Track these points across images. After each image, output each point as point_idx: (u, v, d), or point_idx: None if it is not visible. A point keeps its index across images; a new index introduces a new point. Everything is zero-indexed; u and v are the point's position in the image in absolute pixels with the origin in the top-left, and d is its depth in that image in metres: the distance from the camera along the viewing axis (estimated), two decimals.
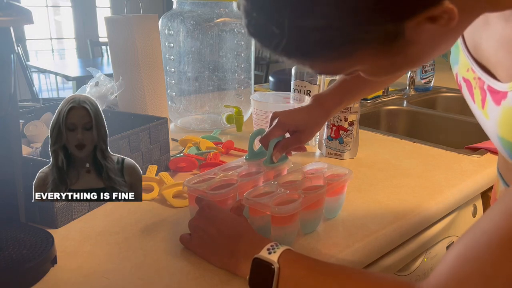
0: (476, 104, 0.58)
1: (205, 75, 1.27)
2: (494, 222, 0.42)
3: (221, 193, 0.68)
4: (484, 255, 0.40)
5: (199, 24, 1.20)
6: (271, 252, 0.54)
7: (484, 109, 0.55)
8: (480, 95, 0.56)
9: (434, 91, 1.84)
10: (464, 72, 0.59)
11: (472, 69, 0.57)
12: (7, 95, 0.57)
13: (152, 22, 0.97)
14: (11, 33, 0.55)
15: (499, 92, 0.52)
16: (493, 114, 0.53)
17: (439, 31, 0.44)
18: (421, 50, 0.47)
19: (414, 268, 0.83)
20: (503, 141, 0.53)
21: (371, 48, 0.44)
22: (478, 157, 1.04)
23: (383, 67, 0.49)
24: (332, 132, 1.03)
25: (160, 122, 0.91)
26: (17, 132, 0.63)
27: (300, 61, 0.47)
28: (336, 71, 0.50)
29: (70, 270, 0.60)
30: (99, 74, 1.02)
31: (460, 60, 0.60)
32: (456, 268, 0.42)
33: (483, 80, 0.55)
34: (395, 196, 0.83)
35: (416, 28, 0.42)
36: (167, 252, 0.64)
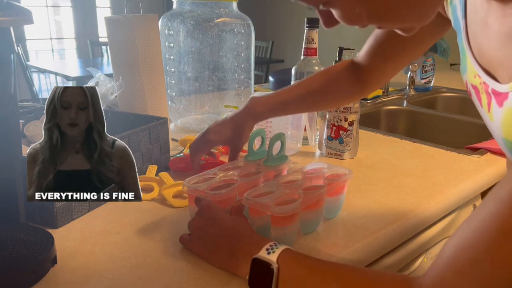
0: (483, 108, 0.58)
1: (205, 75, 1.27)
2: (486, 211, 0.42)
3: (221, 193, 0.68)
4: (478, 243, 0.41)
5: (199, 24, 1.20)
6: (270, 252, 0.54)
7: (490, 112, 0.56)
8: (486, 99, 0.56)
9: (434, 91, 1.84)
10: (472, 78, 0.60)
11: (478, 75, 0.57)
12: (7, 95, 0.57)
13: (152, 22, 0.97)
14: (11, 33, 0.55)
15: (501, 94, 0.52)
16: (496, 116, 0.54)
17: None
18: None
19: (414, 268, 0.83)
20: (506, 142, 0.53)
21: None
22: (478, 157, 1.04)
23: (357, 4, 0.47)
24: (332, 132, 1.03)
25: (160, 122, 0.91)
26: (17, 132, 0.63)
27: None
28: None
29: (70, 270, 0.60)
30: (99, 74, 1.02)
31: (468, 67, 0.60)
32: (451, 258, 0.43)
33: (488, 84, 0.55)
34: (395, 196, 0.84)
35: None
36: (167, 252, 0.64)
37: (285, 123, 1.04)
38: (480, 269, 0.40)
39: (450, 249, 0.44)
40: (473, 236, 0.42)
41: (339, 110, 1.01)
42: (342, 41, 1.89)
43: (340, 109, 1.01)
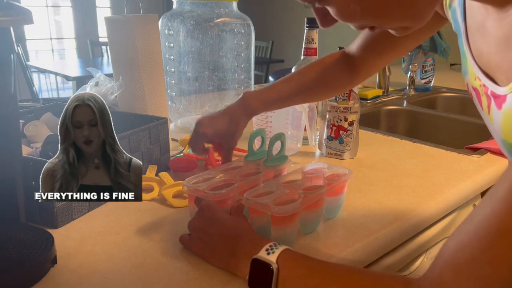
0: (484, 110, 0.58)
1: (205, 75, 1.27)
2: (483, 211, 0.43)
3: (221, 193, 0.68)
4: (475, 243, 0.41)
5: (199, 24, 1.20)
6: (269, 252, 0.54)
7: (490, 114, 0.56)
8: (486, 101, 0.56)
9: (434, 91, 1.84)
10: (472, 81, 0.60)
11: (478, 77, 0.58)
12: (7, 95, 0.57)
13: (152, 22, 0.97)
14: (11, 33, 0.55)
15: (500, 96, 0.52)
16: (496, 118, 0.54)
17: None
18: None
19: (414, 268, 0.83)
20: (505, 143, 0.54)
21: None
22: (478, 157, 1.04)
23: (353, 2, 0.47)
24: (332, 132, 1.03)
25: (160, 122, 0.91)
26: (17, 132, 0.63)
27: None
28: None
29: (70, 270, 0.60)
30: (99, 74, 1.02)
31: (469, 69, 0.60)
32: (450, 258, 0.43)
33: (487, 87, 0.55)
34: (395, 196, 0.84)
35: None
36: (167, 252, 0.64)
37: (285, 123, 1.04)
38: (478, 268, 0.41)
39: (449, 250, 0.44)
40: (471, 236, 0.42)
41: (339, 110, 1.01)
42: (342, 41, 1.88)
43: (340, 109, 1.01)
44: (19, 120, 0.64)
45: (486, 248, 0.41)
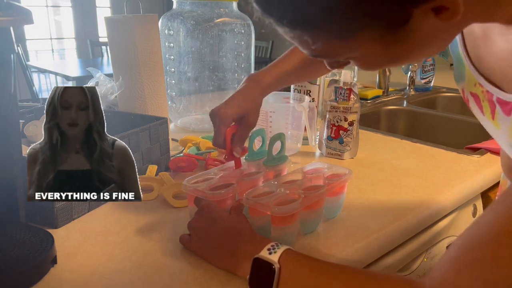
0: (486, 115, 0.58)
1: (205, 75, 1.27)
2: (494, 215, 0.43)
3: (221, 193, 0.68)
4: (480, 244, 0.42)
5: (199, 24, 1.20)
6: (271, 252, 0.54)
7: (495, 120, 0.56)
8: (489, 107, 0.57)
9: (434, 91, 1.84)
10: (471, 87, 0.60)
11: (479, 84, 0.58)
12: (7, 95, 0.57)
13: (152, 22, 0.97)
14: (11, 33, 0.55)
15: (508, 103, 0.52)
16: (504, 124, 0.54)
17: (440, 25, 0.45)
18: (419, 43, 0.47)
19: (414, 268, 0.83)
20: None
21: (374, 31, 0.44)
22: (478, 157, 1.04)
23: (378, 56, 0.49)
24: (332, 132, 1.03)
25: (160, 122, 0.91)
26: (17, 132, 0.63)
27: (304, 34, 0.46)
28: (334, 53, 0.50)
29: (70, 270, 0.60)
30: (99, 74, 1.02)
31: (466, 76, 0.61)
32: (457, 259, 0.43)
33: (492, 93, 0.55)
34: (395, 196, 0.83)
35: (421, 17, 0.43)
36: (167, 252, 0.64)
37: (285, 123, 1.04)
38: (486, 270, 0.41)
39: (457, 249, 0.44)
40: (477, 237, 0.42)
41: (339, 110, 1.01)
42: None
43: (340, 109, 1.01)
44: (19, 120, 0.64)
45: (495, 250, 0.41)
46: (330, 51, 0.49)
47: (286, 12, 0.44)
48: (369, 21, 0.43)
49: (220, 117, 0.75)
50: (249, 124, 0.78)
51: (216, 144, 0.76)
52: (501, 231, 0.41)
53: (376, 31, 0.44)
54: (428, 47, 0.49)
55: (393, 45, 0.46)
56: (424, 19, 0.43)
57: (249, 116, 0.78)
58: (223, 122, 0.75)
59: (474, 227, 0.44)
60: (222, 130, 0.75)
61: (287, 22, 0.45)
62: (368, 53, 0.49)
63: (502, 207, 0.43)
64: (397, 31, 0.44)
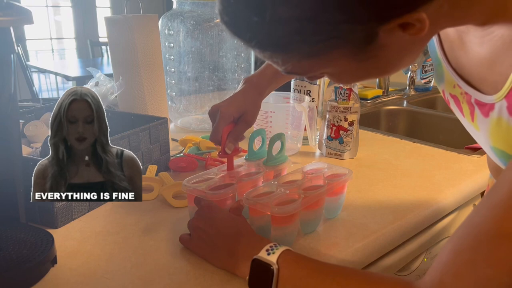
0: (466, 117, 0.59)
1: (205, 75, 1.27)
2: (482, 215, 0.43)
3: (220, 193, 0.68)
4: (475, 246, 0.42)
5: (199, 24, 1.20)
6: (270, 253, 0.54)
7: (474, 121, 0.56)
8: (469, 108, 0.57)
9: (434, 91, 1.84)
10: (450, 88, 0.60)
11: (458, 85, 0.58)
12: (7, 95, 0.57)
13: (152, 22, 0.97)
14: (11, 33, 0.55)
15: (486, 105, 0.52)
16: (483, 125, 0.54)
17: (407, 40, 0.45)
18: (390, 58, 0.48)
19: (414, 268, 0.83)
20: (495, 150, 0.54)
21: (345, 49, 0.44)
22: (478, 157, 1.04)
23: (352, 72, 0.50)
24: (332, 132, 1.03)
25: (160, 122, 0.91)
26: (17, 132, 0.63)
27: (274, 55, 0.46)
28: (306, 71, 0.50)
29: (70, 270, 0.60)
30: (99, 74, 1.02)
31: (445, 77, 0.61)
32: (449, 262, 0.43)
33: (470, 95, 0.55)
34: (395, 196, 0.83)
35: (389, 33, 0.43)
36: (167, 252, 0.64)
37: (285, 123, 1.04)
38: (479, 272, 0.41)
39: (448, 252, 0.44)
40: (470, 239, 0.43)
41: (339, 110, 1.01)
42: None
43: (340, 109, 1.01)
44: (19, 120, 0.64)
45: (487, 252, 0.41)
46: (302, 70, 0.49)
47: (254, 36, 0.44)
48: (336, 42, 0.43)
49: (221, 114, 0.76)
50: (247, 123, 0.79)
51: (213, 139, 0.77)
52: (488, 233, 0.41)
53: (346, 49, 0.45)
54: (401, 59, 0.50)
55: (365, 61, 0.47)
56: (392, 35, 0.43)
57: (248, 115, 0.79)
58: (223, 119, 0.76)
59: (462, 230, 0.44)
60: (221, 126, 0.76)
61: (255, 44, 0.45)
62: (340, 70, 0.49)
63: (487, 209, 0.43)
64: (366, 48, 0.45)
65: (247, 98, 0.80)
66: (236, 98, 0.80)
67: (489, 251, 0.41)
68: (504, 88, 0.48)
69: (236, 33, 0.46)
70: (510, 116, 0.48)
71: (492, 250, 0.41)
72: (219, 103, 0.79)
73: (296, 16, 0.41)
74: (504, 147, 0.52)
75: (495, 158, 0.56)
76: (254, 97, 0.82)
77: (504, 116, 0.49)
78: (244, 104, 0.79)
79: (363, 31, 0.42)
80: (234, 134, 0.77)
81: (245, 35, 0.45)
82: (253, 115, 0.81)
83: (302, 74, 0.52)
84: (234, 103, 0.78)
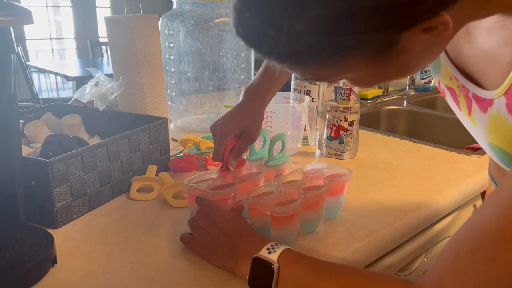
0: (462, 111, 0.58)
1: (205, 75, 1.27)
2: (485, 217, 0.43)
3: (221, 193, 0.68)
4: (476, 249, 0.41)
5: (199, 24, 1.20)
6: (271, 251, 0.54)
7: (471, 116, 0.56)
8: (466, 102, 0.56)
9: (434, 91, 1.84)
10: (447, 80, 0.60)
11: (455, 78, 0.57)
12: (7, 95, 0.57)
13: (152, 22, 0.97)
14: (11, 33, 0.55)
15: (484, 100, 0.52)
16: (480, 121, 0.54)
17: (431, 41, 0.44)
18: (412, 60, 0.47)
19: (414, 268, 0.83)
20: (492, 146, 0.54)
21: (364, 56, 0.44)
22: (478, 157, 1.04)
23: (372, 76, 0.49)
24: (332, 132, 1.03)
25: (160, 122, 0.91)
26: (17, 132, 0.63)
27: (292, 67, 0.46)
28: (326, 78, 0.50)
29: (70, 270, 0.60)
30: (99, 74, 1.02)
31: (442, 68, 0.60)
32: (450, 264, 0.43)
33: (468, 88, 0.55)
34: (395, 196, 0.83)
35: (411, 37, 0.42)
36: (167, 252, 0.64)
37: (285, 123, 1.04)
38: (478, 274, 0.41)
39: (449, 254, 0.44)
40: (471, 241, 0.42)
41: (339, 110, 1.01)
42: None
43: (340, 109, 1.01)
44: (19, 120, 0.64)
45: (488, 255, 0.40)
46: (321, 77, 0.49)
47: (271, 50, 0.43)
48: (355, 51, 0.43)
49: (220, 133, 0.76)
50: (250, 139, 0.78)
51: (215, 159, 0.76)
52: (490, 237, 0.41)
53: (365, 56, 0.44)
54: (423, 59, 0.49)
55: (385, 65, 0.46)
56: (413, 39, 0.42)
57: (250, 131, 0.78)
58: (223, 138, 0.76)
59: (464, 231, 0.44)
60: (221, 144, 0.75)
61: (274, 58, 0.44)
62: (360, 74, 0.49)
63: (490, 211, 0.43)
64: (386, 53, 0.44)
65: (245, 113, 0.79)
66: (235, 114, 0.79)
67: (491, 254, 0.40)
68: (504, 84, 0.48)
69: (253, 46, 0.45)
70: (509, 114, 0.48)
71: (493, 253, 0.40)
72: (218, 120, 0.78)
73: (314, 29, 0.40)
74: (502, 144, 0.52)
75: (491, 154, 0.56)
76: (254, 109, 0.81)
77: (503, 113, 0.49)
78: (244, 119, 0.78)
79: (384, 39, 0.42)
80: (237, 150, 0.76)
81: (261, 49, 0.44)
82: (255, 130, 0.79)
83: (322, 80, 0.51)
84: (233, 120, 0.78)
